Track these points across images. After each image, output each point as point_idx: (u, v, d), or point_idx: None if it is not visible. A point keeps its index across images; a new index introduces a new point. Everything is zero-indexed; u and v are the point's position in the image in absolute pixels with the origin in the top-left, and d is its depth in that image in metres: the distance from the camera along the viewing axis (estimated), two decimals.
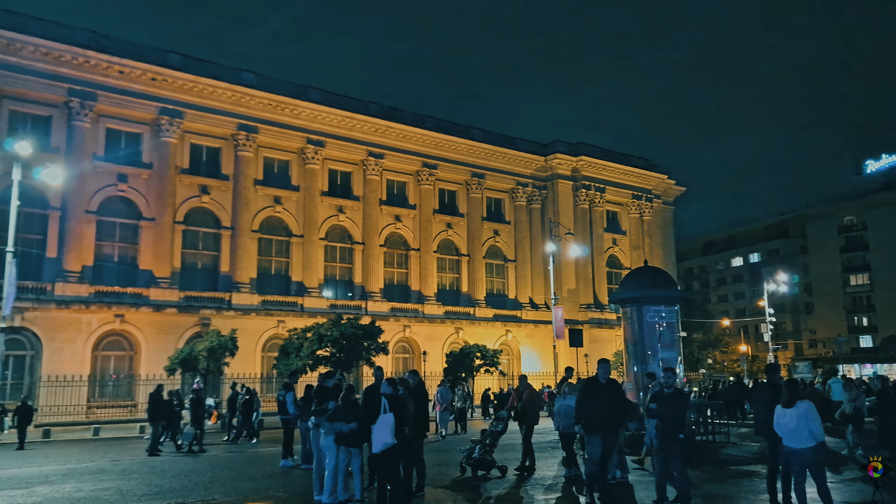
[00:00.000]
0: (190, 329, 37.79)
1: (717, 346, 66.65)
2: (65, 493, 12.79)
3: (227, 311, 39.24)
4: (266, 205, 42.98)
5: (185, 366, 31.81)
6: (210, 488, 13.16)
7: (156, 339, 36.73)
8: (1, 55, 34.28)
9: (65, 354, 34.07)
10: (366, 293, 45.64)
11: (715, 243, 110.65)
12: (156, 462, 17.68)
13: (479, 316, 49.99)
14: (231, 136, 41.72)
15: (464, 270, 51.56)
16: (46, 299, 34.24)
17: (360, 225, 46.53)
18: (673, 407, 9.97)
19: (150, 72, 38.52)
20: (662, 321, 18.18)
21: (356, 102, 47.01)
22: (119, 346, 36.93)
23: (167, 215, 38.83)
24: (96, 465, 16.94)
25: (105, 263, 37.57)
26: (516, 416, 14.76)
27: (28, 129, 34.93)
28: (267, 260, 43.32)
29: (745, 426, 23.54)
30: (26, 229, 33.86)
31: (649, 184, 60.82)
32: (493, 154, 52.80)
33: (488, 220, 53.20)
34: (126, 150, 38.65)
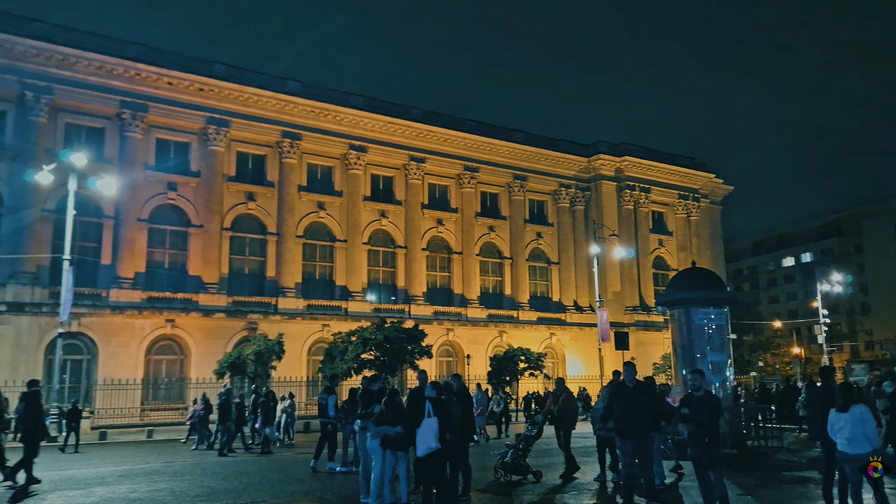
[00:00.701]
0: (238, 333, 38.54)
1: (769, 348, 64.89)
2: (121, 494, 13.16)
3: (274, 315, 39.90)
4: (310, 210, 43.59)
5: (233, 369, 32.48)
6: (260, 490, 13.38)
7: (205, 343, 37.58)
8: (57, 70, 35.60)
9: (119, 358, 35.11)
10: (409, 297, 45.87)
11: (765, 243, 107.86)
12: (206, 464, 18.07)
13: (522, 319, 49.74)
14: (276, 143, 42.46)
15: (507, 273, 51.39)
16: (102, 305, 35.34)
17: (402, 229, 46.81)
18: (703, 410, 9.60)
19: (198, 82, 39.49)
20: (711, 323, 17.81)
21: (397, 108, 47.37)
22: (170, 351, 37.89)
23: (215, 222, 39.71)
24: (150, 467, 17.39)
25: (156, 270, 38.60)
26: (553, 421, 14.62)
27: (83, 141, 36.16)
28: (311, 265, 43.92)
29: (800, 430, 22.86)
30: (82, 237, 35.03)
31: (696, 183, 59.71)
32: (535, 156, 52.54)
33: (531, 223, 52.93)
34: (175, 159, 39.70)
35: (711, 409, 9.62)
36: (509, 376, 38.28)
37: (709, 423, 9.54)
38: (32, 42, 34.79)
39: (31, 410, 14.08)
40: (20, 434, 14.17)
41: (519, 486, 13.17)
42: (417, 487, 11.49)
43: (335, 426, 16.56)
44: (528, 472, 13.52)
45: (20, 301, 33.27)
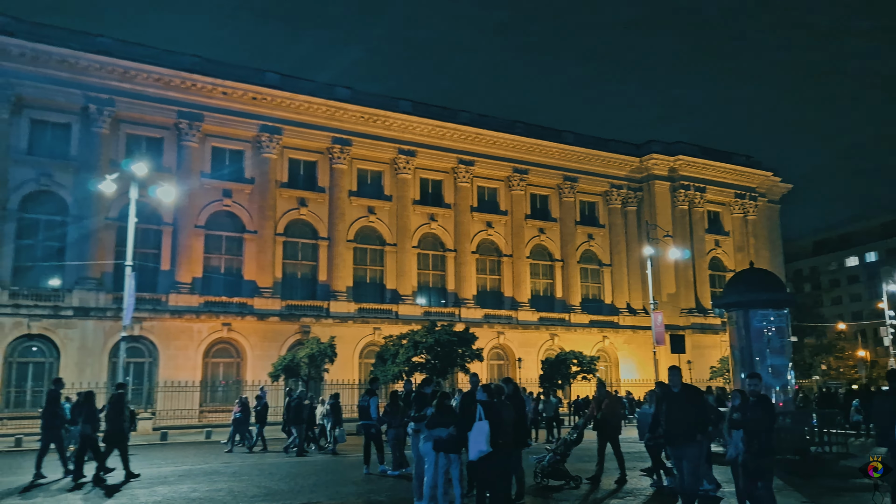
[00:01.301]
0: (291, 336, 39.20)
1: (832, 351, 62.60)
2: (182, 493, 13.52)
3: (326, 318, 40.45)
4: (360, 215, 44.06)
5: (287, 372, 33.05)
6: (315, 491, 13.57)
7: (260, 346, 38.36)
8: (118, 83, 36.92)
9: (179, 361, 36.14)
10: (459, 300, 45.90)
11: (827, 243, 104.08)
12: (264, 464, 18.41)
13: (574, 322, 49.20)
14: (326, 149, 43.09)
15: (557, 276, 50.92)
16: (161, 309, 36.44)
17: (451, 232, 46.89)
18: (757, 416, 9.20)
19: (251, 91, 40.40)
20: (771, 326, 17.28)
21: (446, 111, 47.51)
22: (227, 354, 38.80)
23: (268, 228, 40.52)
24: (210, 467, 17.81)
25: (213, 275, 39.60)
26: (596, 426, 14.41)
27: (143, 151, 37.36)
28: (362, 269, 44.38)
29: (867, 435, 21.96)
30: (143, 244, 36.19)
31: (753, 182, 58.10)
32: (585, 157, 51.96)
33: (582, 224, 52.36)
34: (230, 166, 40.69)
35: (764, 415, 9.22)
36: (561, 380, 37.89)
37: (760, 430, 9.14)
38: (95, 56, 36.19)
39: (115, 412, 14.74)
40: (104, 433, 14.78)
41: (558, 490, 13.03)
42: (471, 491, 11.46)
43: (378, 429, 16.60)
44: (567, 476, 13.36)
45: (86, 306, 34.58)
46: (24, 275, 34.89)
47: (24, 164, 34.97)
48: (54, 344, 34.02)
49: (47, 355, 34.13)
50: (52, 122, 36.37)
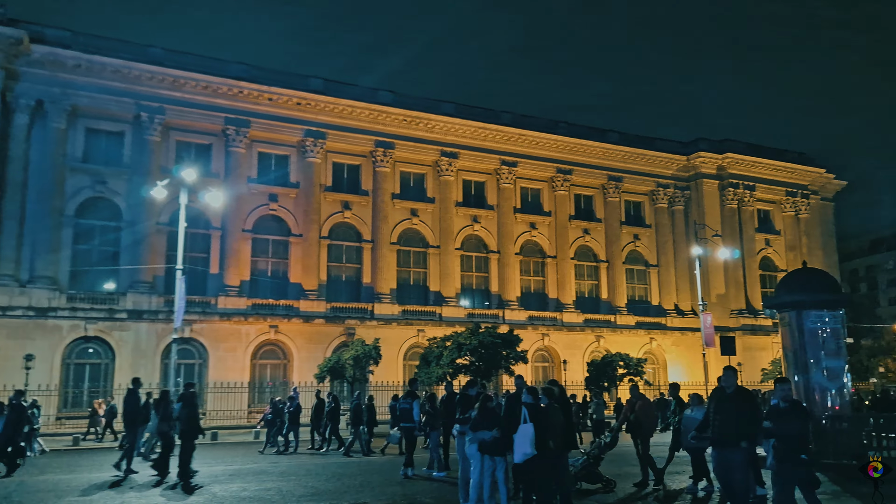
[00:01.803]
0: (336, 338, 39.62)
1: (891, 353, 60.35)
2: (232, 492, 13.78)
3: (370, 321, 40.78)
4: (403, 217, 44.30)
5: (333, 374, 33.42)
6: (361, 491, 13.66)
7: (306, 348, 38.88)
8: (168, 91, 37.93)
9: (228, 363, 36.88)
10: (503, 302, 45.73)
11: (884, 241, 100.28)
12: (311, 465, 18.62)
13: (620, 324, 48.53)
14: (369, 152, 43.46)
15: (603, 277, 50.31)
16: (211, 312, 37.25)
17: (494, 234, 46.76)
18: (790, 423, 8.75)
19: (296, 97, 41.02)
20: (825, 327, 16.70)
21: (488, 113, 47.43)
22: (274, 355, 39.44)
23: (313, 231, 41.06)
24: (258, 467, 18.10)
25: (260, 278, 40.31)
26: (629, 429, 14.17)
27: (192, 157, 38.30)
28: (406, 271, 44.59)
29: None
30: (192, 248, 37.04)
31: (805, 179, 56.45)
32: (630, 156, 51.25)
33: (627, 225, 51.63)
34: (275, 171, 41.40)
35: (797, 423, 8.74)
36: (607, 382, 37.42)
37: (793, 437, 8.67)
38: (146, 66, 37.25)
39: (188, 411, 15.27)
40: (180, 432, 15.33)
41: (592, 494, 12.84)
42: (517, 494, 11.38)
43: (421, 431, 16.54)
44: (601, 480, 13.16)
45: (139, 309, 35.60)
46: (81, 279, 36.10)
47: (79, 172, 36.20)
48: (109, 346, 35.10)
49: (103, 357, 35.23)
50: (105, 130, 37.57)
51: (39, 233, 34.34)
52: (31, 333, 33.05)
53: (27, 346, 32.10)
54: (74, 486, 14.95)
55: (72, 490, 14.33)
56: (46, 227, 34.50)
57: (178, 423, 15.46)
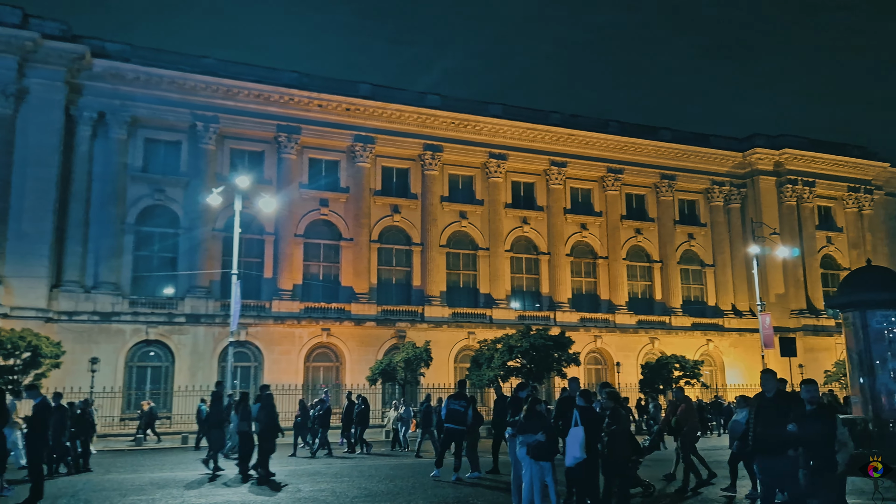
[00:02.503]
0: (388, 341, 39.91)
1: None
2: (288, 493, 14.03)
3: (421, 323, 40.94)
4: (452, 220, 44.36)
5: (384, 376, 33.69)
6: (413, 493, 13.70)
7: (358, 350, 39.29)
8: (222, 101, 38.92)
9: (282, 365, 37.55)
10: (553, 304, 45.32)
11: None
12: (363, 466, 18.79)
13: (675, 325, 47.51)
14: (418, 156, 43.70)
15: (656, 277, 49.36)
16: (265, 316, 38.00)
17: (544, 235, 46.40)
18: (816, 428, 8.12)
19: (345, 103, 41.56)
20: (892, 327, 16.00)
21: (537, 113, 47.13)
22: (327, 358, 39.99)
23: (363, 235, 41.49)
24: (312, 468, 18.36)
25: (312, 282, 40.94)
26: (672, 432, 13.82)
27: (245, 164, 39.25)
28: (455, 273, 44.63)
29: None
30: (247, 253, 37.88)
31: (868, 174, 54.27)
32: (683, 154, 50.18)
33: (681, 224, 50.54)
34: (326, 177, 42.03)
35: (823, 428, 8.10)
36: (663, 385, 36.68)
37: (824, 444, 8.04)
38: (201, 77, 38.30)
39: (267, 412, 15.76)
40: (259, 432, 15.94)
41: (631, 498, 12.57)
42: (570, 498, 11.24)
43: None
44: (639, 483, 12.90)
45: (196, 313, 36.58)
46: (142, 284, 37.32)
47: (139, 181, 37.46)
48: (169, 349, 36.17)
49: (163, 360, 36.33)
50: (163, 140, 38.77)
51: (102, 240, 35.64)
52: (96, 337, 34.31)
53: (93, 349, 33.35)
54: (137, 484, 15.42)
55: (144, 488, 14.78)
56: (109, 235, 35.78)
57: (257, 423, 15.89)
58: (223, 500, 13.38)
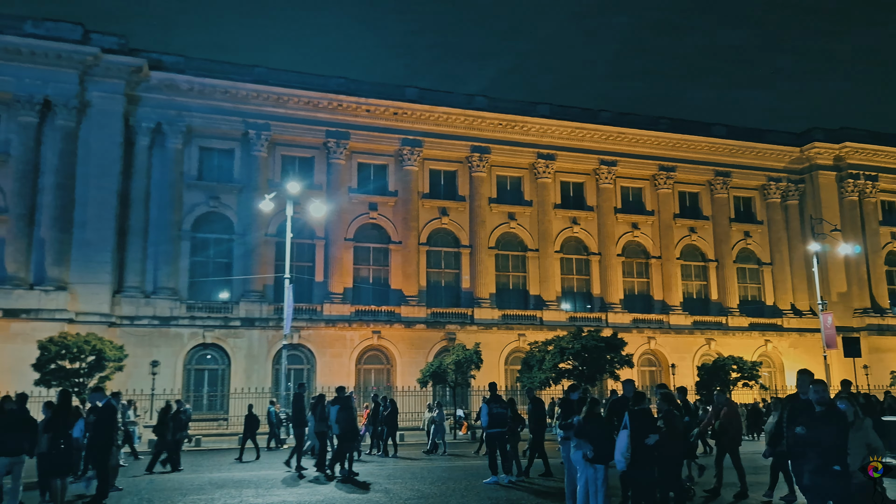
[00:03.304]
0: (437, 343, 39.99)
1: None
2: (340, 494, 14.14)
3: (470, 325, 40.88)
4: (501, 221, 44.18)
5: (435, 378, 33.73)
6: (466, 496, 13.65)
7: (408, 353, 39.48)
8: (273, 108, 39.68)
9: (334, 367, 38.00)
10: (605, 305, 44.68)
11: None
12: (415, 468, 18.82)
13: (732, 325, 46.27)
14: (465, 158, 43.69)
15: (712, 277, 48.17)
16: (317, 319, 38.53)
17: (595, 235, 45.81)
18: (827, 430, 7.43)
19: (392, 107, 41.87)
20: None
21: (586, 112, 46.61)
22: (377, 360, 40.30)
23: (412, 238, 41.69)
24: (365, 469, 18.44)
25: (362, 285, 41.35)
26: (713, 435, 13.38)
27: (296, 170, 39.93)
28: (504, 275, 44.43)
29: None
30: (299, 258, 38.50)
31: None
32: (738, 150, 48.88)
33: (737, 222, 49.24)
34: (374, 181, 42.42)
35: (833, 429, 7.44)
36: (720, 387, 35.68)
37: (835, 447, 7.38)
38: (252, 86, 39.14)
39: (346, 413, 16.23)
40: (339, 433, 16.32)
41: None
42: (626, 501, 11.04)
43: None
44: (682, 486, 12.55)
45: (251, 317, 37.34)
46: (198, 289, 38.31)
47: (195, 189, 38.48)
48: (225, 352, 37.01)
49: (220, 362, 37.19)
50: (217, 148, 39.75)
51: (161, 246, 36.73)
52: (156, 341, 35.36)
53: (153, 353, 34.37)
54: (196, 484, 15.77)
55: (203, 487, 15.13)
56: (167, 241, 36.85)
57: (336, 424, 16.30)
58: (279, 500, 13.57)
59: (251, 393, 34.52)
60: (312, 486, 15.46)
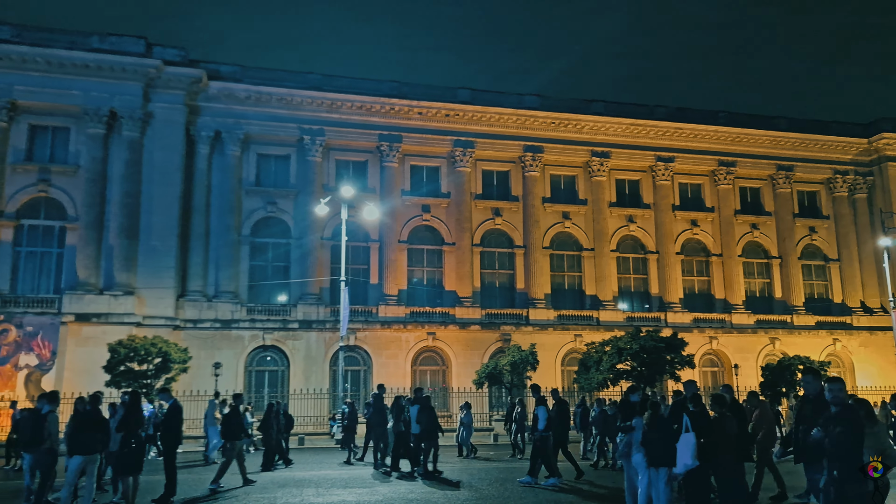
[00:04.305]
0: (493, 345, 39.87)
1: None
2: (400, 494, 14.22)
3: (525, 326, 40.62)
4: (555, 221, 43.76)
5: (491, 379, 33.66)
6: (524, 497, 13.59)
7: (463, 354, 39.49)
8: (327, 114, 40.31)
9: (390, 369, 38.30)
10: (664, 304, 43.75)
11: None
12: (473, 469, 18.79)
13: (797, 324, 44.68)
14: (518, 158, 43.45)
15: (775, 274, 46.63)
16: (373, 320, 38.94)
17: (652, 233, 44.92)
18: (840, 433, 6.87)
19: (444, 109, 41.98)
20: None
21: (641, 108, 45.78)
22: (433, 362, 40.44)
23: (465, 239, 41.69)
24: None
25: (416, 287, 41.58)
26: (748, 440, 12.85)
27: (350, 174, 40.50)
28: (560, 275, 43.99)
29: None
30: (354, 260, 38.99)
31: None
32: (801, 143, 47.21)
33: (801, 217, 47.53)
34: (427, 183, 42.60)
35: (849, 431, 6.84)
36: (786, 387, 34.52)
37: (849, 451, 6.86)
38: (307, 92, 39.85)
39: (428, 414, 16.67)
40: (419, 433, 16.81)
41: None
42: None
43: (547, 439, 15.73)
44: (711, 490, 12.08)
45: (308, 319, 38.00)
46: (257, 292, 39.22)
47: (253, 195, 39.41)
48: (284, 354, 37.76)
49: (279, 364, 37.97)
50: (274, 154, 40.61)
51: (221, 251, 37.76)
52: (218, 343, 36.34)
53: (215, 355, 35.34)
54: (261, 484, 16.10)
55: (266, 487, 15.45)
56: (227, 246, 37.85)
57: (417, 424, 16.70)
58: (339, 499, 13.73)
59: (310, 394, 35.19)
60: (372, 485, 15.59)
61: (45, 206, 35.85)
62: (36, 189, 35.50)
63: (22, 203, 35.35)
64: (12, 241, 34.99)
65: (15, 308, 33.31)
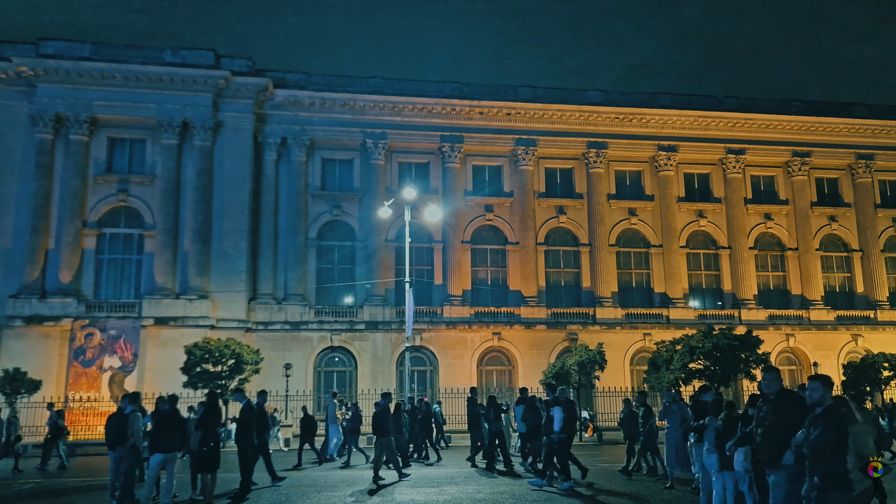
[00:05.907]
0: (559, 344, 39.44)
1: None
2: (468, 494, 14.20)
3: (592, 325, 40.00)
4: (621, 218, 42.94)
5: (558, 379, 33.18)
6: (594, 500, 13.34)
7: (529, 354, 39.20)
8: (389, 117, 40.76)
9: (455, 369, 38.41)
10: (737, 301, 42.31)
11: None
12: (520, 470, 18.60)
13: (882, 320, 42.45)
14: (581, 155, 42.84)
15: (856, 268, 44.44)
16: (437, 321, 39.11)
17: (723, 228, 43.51)
18: (823, 433, 6.41)
19: (505, 108, 41.79)
20: None
21: (709, 100, 44.40)
22: (498, 362, 40.30)
23: (529, 238, 41.38)
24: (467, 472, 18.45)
25: (480, 287, 41.51)
26: None
27: (412, 176, 40.83)
28: (627, 273, 43.12)
29: None
30: (418, 261, 39.29)
31: None
32: (882, 130, 44.83)
33: (883, 208, 45.16)
34: (489, 183, 42.50)
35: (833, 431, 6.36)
36: (870, 386, 32.88)
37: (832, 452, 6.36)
38: (369, 97, 40.40)
39: (533, 413, 16.94)
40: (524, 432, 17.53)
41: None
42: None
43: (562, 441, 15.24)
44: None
45: (374, 320, 38.50)
46: (324, 294, 40.00)
47: (319, 199, 40.22)
48: (352, 354, 38.38)
49: (347, 364, 38.62)
50: (338, 159, 41.36)
51: (289, 254, 38.69)
52: (288, 345, 37.24)
53: (285, 356, 36.24)
54: (330, 481, 16.38)
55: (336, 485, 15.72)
56: (295, 249, 38.75)
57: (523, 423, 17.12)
58: (408, 499, 13.83)
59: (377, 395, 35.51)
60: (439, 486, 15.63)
61: (124, 215, 37.55)
62: (116, 199, 37.22)
63: (103, 213, 37.12)
64: (95, 249, 36.79)
65: (99, 313, 35.03)
